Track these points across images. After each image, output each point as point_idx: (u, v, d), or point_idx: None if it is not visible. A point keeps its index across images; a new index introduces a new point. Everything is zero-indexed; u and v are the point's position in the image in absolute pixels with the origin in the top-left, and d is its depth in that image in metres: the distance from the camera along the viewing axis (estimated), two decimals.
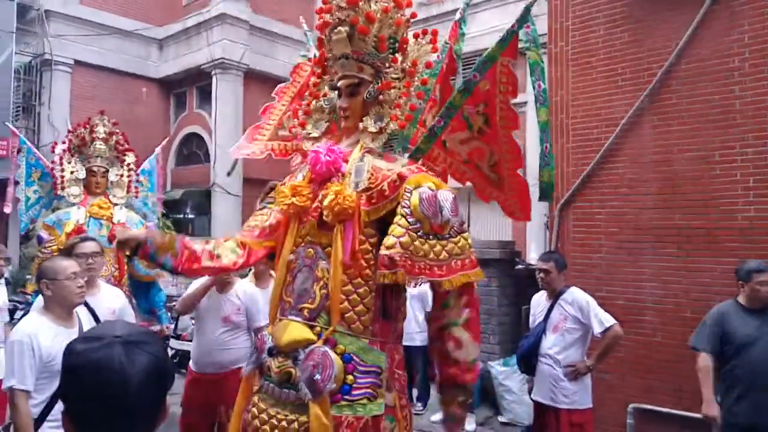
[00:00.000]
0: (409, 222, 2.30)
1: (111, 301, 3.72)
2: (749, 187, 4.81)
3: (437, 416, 6.42)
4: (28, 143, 6.06)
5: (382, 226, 2.41)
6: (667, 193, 5.27)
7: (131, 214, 5.58)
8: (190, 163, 15.71)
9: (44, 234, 5.18)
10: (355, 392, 2.30)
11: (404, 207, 2.32)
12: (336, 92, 2.65)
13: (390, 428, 2.38)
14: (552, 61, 6.08)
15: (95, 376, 1.13)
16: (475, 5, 11.60)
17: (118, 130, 5.63)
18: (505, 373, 6.31)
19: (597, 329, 4.01)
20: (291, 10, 15.44)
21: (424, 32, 2.69)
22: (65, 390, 1.19)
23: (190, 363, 4.34)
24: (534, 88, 3.03)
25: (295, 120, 2.89)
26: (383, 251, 2.27)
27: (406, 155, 2.66)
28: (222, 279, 4.15)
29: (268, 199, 2.77)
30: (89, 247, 3.76)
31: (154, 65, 15.71)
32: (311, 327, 2.37)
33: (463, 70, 3.21)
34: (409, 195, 2.34)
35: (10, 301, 6.66)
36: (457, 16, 3.32)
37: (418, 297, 6.16)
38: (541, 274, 4.27)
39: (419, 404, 6.72)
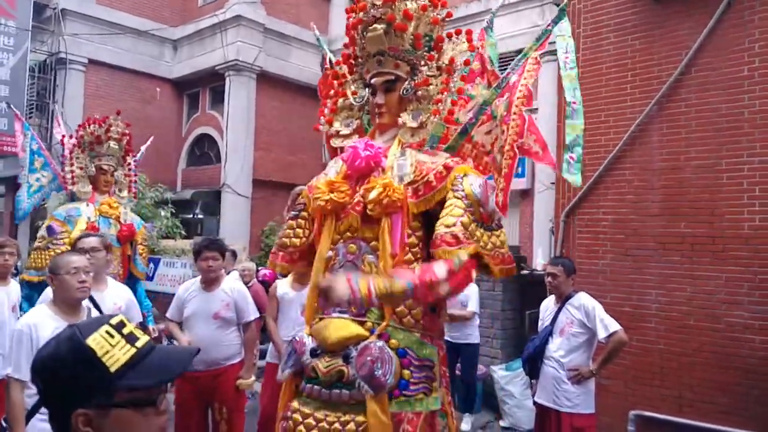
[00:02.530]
0: (465, 204, 2.30)
1: (117, 298, 3.74)
2: (755, 196, 4.80)
3: None
4: (32, 130, 6.11)
5: (427, 219, 2.42)
6: (673, 201, 5.27)
7: (133, 214, 5.67)
8: (201, 163, 15.79)
9: (56, 226, 5.20)
10: (412, 387, 2.27)
11: (458, 191, 2.33)
12: (368, 90, 2.64)
13: (443, 424, 2.37)
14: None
15: None
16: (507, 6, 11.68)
17: (128, 131, 5.70)
18: (507, 378, 6.30)
19: (601, 334, 4.01)
20: (305, 13, 15.56)
21: (458, 32, 2.72)
22: None
23: None
24: (569, 105, 3.15)
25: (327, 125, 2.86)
26: (443, 230, 2.25)
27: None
28: (209, 276, 4.19)
29: (297, 206, 2.73)
30: (89, 242, 3.78)
31: (168, 65, 15.81)
32: (361, 323, 2.34)
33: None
34: (461, 181, 2.36)
35: None
36: (485, 24, 3.38)
37: None
38: (549, 278, 4.30)
39: None
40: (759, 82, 4.85)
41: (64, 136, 5.73)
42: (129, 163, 5.78)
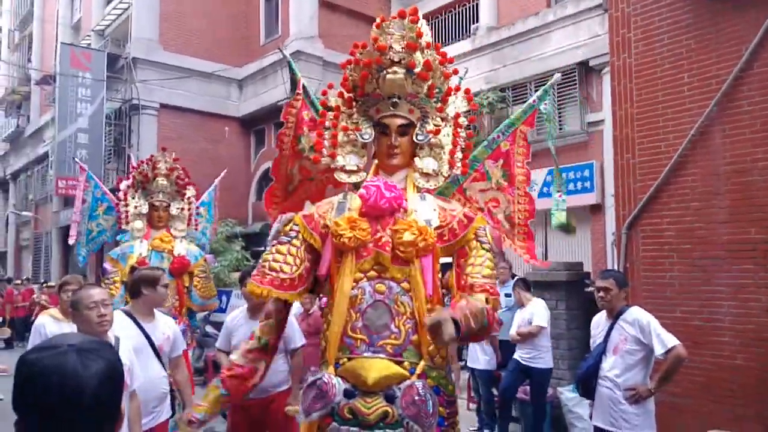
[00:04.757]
0: (491, 257, 2.50)
1: (166, 328, 3.90)
2: None
3: None
4: (95, 178, 6.40)
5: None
6: (741, 206, 4.94)
7: (191, 246, 5.78)
8: None
9: (108, 266, 5.46)
10: (446, 423, 2.40)
11: (485, 243, 2.52)
12: (374, 128, 2.65)
13: None
14: (615, 75, 5.90)
15: (51, 382, 1.13)
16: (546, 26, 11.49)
17: (178, 165, 5.86)
18: (575, 400, 6.00)
19: (659, 350, 3.75)
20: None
21: (458, 89, 2.83)
22: (20, 401, 1.17)
23: None
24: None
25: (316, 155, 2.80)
26: (481, 280, 2.40)
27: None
28: (254, 304, 4.21)
29: (290, 233, 2.60)
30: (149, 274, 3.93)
31: (235, 104, 16.41)
32: (398, 363, 2.34)
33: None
34: (484, 232, 2.54)
35: None
36: (533, 101, 3.37)
37: None
38: (601, 293, 4.07)
39: (486, 431, 6.51)
40: None
41: (120, 178, 6.02)
42: (188, 197, 5.95)
